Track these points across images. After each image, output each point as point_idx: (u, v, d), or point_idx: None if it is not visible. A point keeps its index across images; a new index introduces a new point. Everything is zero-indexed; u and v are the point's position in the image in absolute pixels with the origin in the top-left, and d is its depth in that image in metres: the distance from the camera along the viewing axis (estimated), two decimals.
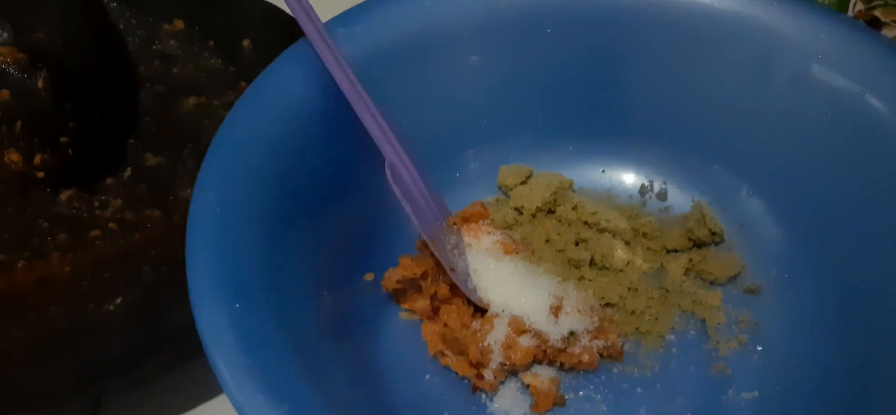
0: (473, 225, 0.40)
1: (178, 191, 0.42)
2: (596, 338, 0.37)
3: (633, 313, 0.38)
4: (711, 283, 0.40)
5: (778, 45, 0.38)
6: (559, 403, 0.36)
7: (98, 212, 0.41)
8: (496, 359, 0.36)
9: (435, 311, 0.38)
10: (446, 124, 0.42)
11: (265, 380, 0.27)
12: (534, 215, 0.42)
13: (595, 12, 0.41)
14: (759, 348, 0.37)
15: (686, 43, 0.40)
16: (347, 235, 0.38)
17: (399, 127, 0.38)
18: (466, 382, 0.37)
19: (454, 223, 0.40)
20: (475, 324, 0.37)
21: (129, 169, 0.43)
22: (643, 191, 0.43)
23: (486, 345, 0.36)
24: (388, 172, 0.36)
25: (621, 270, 0.40)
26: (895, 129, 0.36)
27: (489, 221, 0.41)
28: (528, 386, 0.36)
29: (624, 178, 0.44)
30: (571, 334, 0.36)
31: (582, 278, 0.39)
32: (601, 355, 0.37)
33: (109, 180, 0.43)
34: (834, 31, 0.38)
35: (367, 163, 0.38)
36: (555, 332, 0.36)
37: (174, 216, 0.40)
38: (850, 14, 0.51)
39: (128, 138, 0.45)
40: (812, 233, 0.38)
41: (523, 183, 0.43)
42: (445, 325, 0.37)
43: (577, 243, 0.41)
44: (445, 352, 0.37)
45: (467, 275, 0.38)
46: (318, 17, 0.38)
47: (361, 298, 0.38)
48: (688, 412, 0.36)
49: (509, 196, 0.43)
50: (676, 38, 0.40)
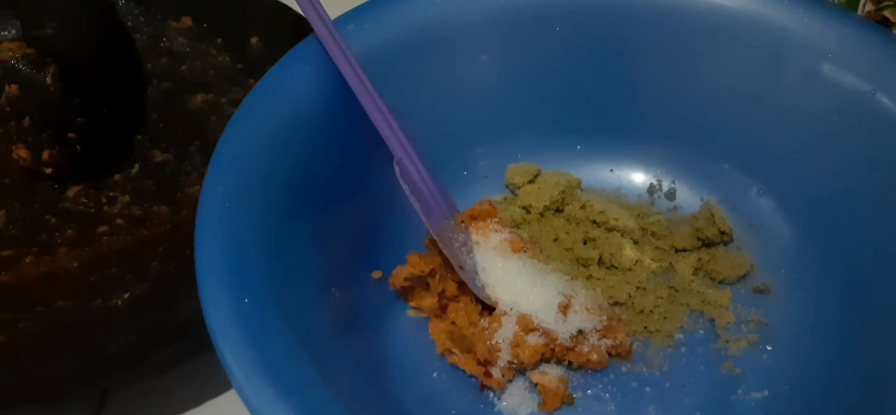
0: (481, 223, 0.40)
1: (186, 187, 0.42)
2: (604, 337, 0.37)
3: (642, 311, 0.38)
4: (720, 282, 0.40)
5: (788, 44, 0.38)
6: (567, 401, 0.36)
7: (106, 208, 0.41)
8: (504, 357, 0.36)
9: (443, 309, 0.38)
10: (454, 122, 0.42)
11: (274, 374, 0.27)
12: (541, 214, 0.42)
13: (604, 10, 0.41)
14: (768, 348, 0.37)
15: (696, 41, 0.40)
16: (355, 233, 0.38)
17: (407, 124, 0.38)
18: (474, 380, 0.37)
19: (462, 221, 0.40)
20: (483, 322, 0.37)
21: (136, 165, 0.43)
22: (652, 190, 0.43)
23: (493, 343, 0.36)
24: (396, 168, 0.36)
25: (630, 270, 0.40)
26: None
27: (497, 219, 0.41)
28: (536, 385, 0.36)
29: (632, 177, 0.44)
30: (580, 332, 0.36)
31: (590, 277, 0.39)
32: (610, 354, 0.37)
33: (117, 176, 0.43)
34: (845, 29, 0.38)
35: (376, 160, 0.38)
36: (563, 330, 0.36)
37: (182, 212, 0.40)
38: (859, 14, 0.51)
39: (135, 135, 0.45)
40: (822, 232, 0.38)
41: (531, 182, 0.43)
42: (453, 323, 0.37)
43: (585, 242, 0.41)
44: (453, 350, 0.37)
45: (475, 272, 0.38)
46: (327, 14, 0.38)
47: (369, 295, 0.38)
48: (697, 411, 0.35)
49: (517, 195, 0.43)
50: (686, 36, 0.40)
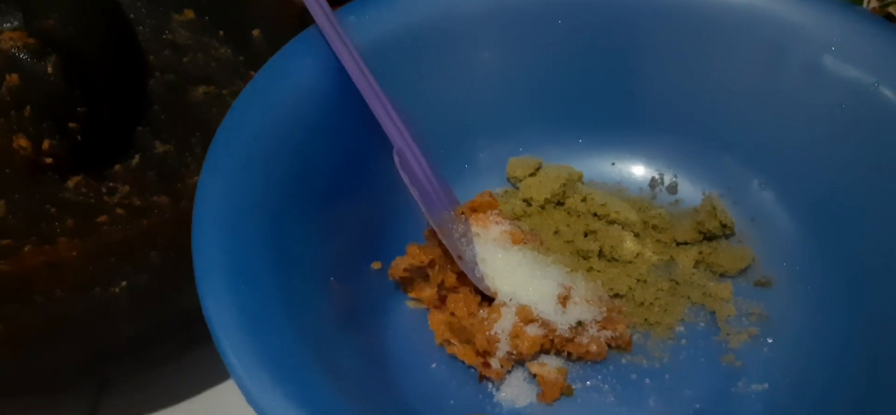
0: (482, 215, 0.40)
1: (186, 178, 0.42)
2: (604, 328, 0.37)
3: (642, 304, 0.38)
4: (722, 275, 0.40)
5: (791, 36, 0.38)
6: (566, 392, 0.36)
7: (106, 198, 0.41)
8: (503, 348, 0.36)
9: (442, 299, 0.38)
10: (456, 114, 0.42)
11: (270, 361, 0.27)
12: (542, 207, 0.42)
13: (606, 3, 0.41)
14: (769, 341, 0.37)
15: (698, 34, 0.40)
16: (355, 223, 0.38)
17: (408, 116, 0.38)
18: (473, 371, 0.37)
19: (462, 213, 0.40)
20: (482, 313, 0.37)
21: (137, 156, 0.43)
22: (653, 183, 0.43)
23: (493, 334, 0.36)
24: (396, 159, 0.36)
25: (630, 262, 0.39)
26: None
27: (497, 211, 0.41)
28: (535, 376, 0.36)
29: (634, 170, 0.44)
30: (579, 323, 0.36)
31: (591, 269, 0.39)
32: (609, 346, 0.37)
33: (117, 167, 0.43)
34: (848, 22, 0.38)
35: (376, 151, 0.38)
36: (562, 321, 0.36)
37: (182, 202, 0.40)
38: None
39: (136, 126, 0.45)
40: (824, 225, 0.38)
41: (532, 175, 0.43)
42: (452, 314, 0.37)
43: (585, 235, 0.40)
44: (452, 341, 0.37)
45: (475, 263, 0.38)
46: (328, 5, 0.38)
47: (369, 286, 0.38)
48: (697, 403, 0.35)
49: (518, 188, 0.43)
50: (689, 28, 0.40)
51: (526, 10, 0.40)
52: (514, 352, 0.36)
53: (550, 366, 0.36)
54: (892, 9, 0.50)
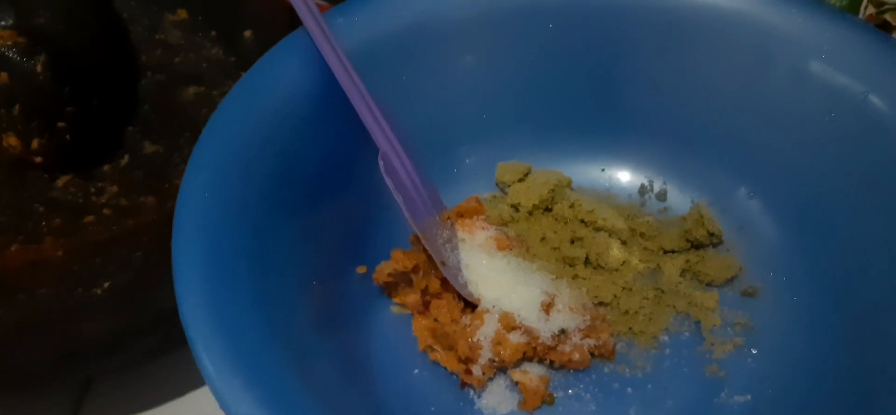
0: (468, 220, 0.40)
1: (174, 178, 0.42)
2: (587, 336, 0.36)
3: (627, 312, 0.38)
4: (708, 284, 0.39)
5: (781, 44, 0.38)
6: (548, 401, 0.36)
7: (94, 198, 0.41)
8: (485, 355, 0.36)
9: (426, 305, 0.37)
10: (445, 118, 0.42)
11: (243, 364, 0.27)
12: (530, 213, 0.41)
13: (597, 9, 0.40)
14: (753, 352, 0.37)
15: (688, 41, 0.40)
16: (339, 227, 0.38)
17: (395, 119, 0.38)
18: (455, 377, 0.36)
19: (448, 217, 0.40)
20: (465, 319, 0.37)
21: (126, 156, 0.43)
22: (643, 190, 0.43)
23: (475, 340, 0.36)
24: (380, 163, 0.36)
25: (616, 270, 0.39)
26: None
27: (484, 216, 0.40)
28: (516, 383, 0.36)
29: (623, 177, 0.43)
30: (562, 331, 0.36)
31: (576, 277, 0.39)
32: (592, 354, 0.37)
33: (106, 167, 0.43)
34: (838, 30, 0.37)
35: (363, 154, 0.38)
36: (545, 329, 0.36)
37: (168, 203, 0.40)
38: (860, 17, 0.51)
39: (127, 126, 0.45)
40: (812, 236, 0.38)
41: (521, 180, 0.43)
42: (436, 319, 0.37)
43: (572, 242, 0.40)
44: (435, 347, 0.37)
45: (459, 269, 0.37)
46: (315, 7, 0.38)
47: (353, 290, 0.38)
48: (678, 414, 0.35)
49: (506, 193, 0.43)
50: (679, 36, 0.40)
51: (514, 15, 0.40)
52: (497, 359, 0.36)
53: (533, 374, 0.36)
54: (888, 16, 0.50)
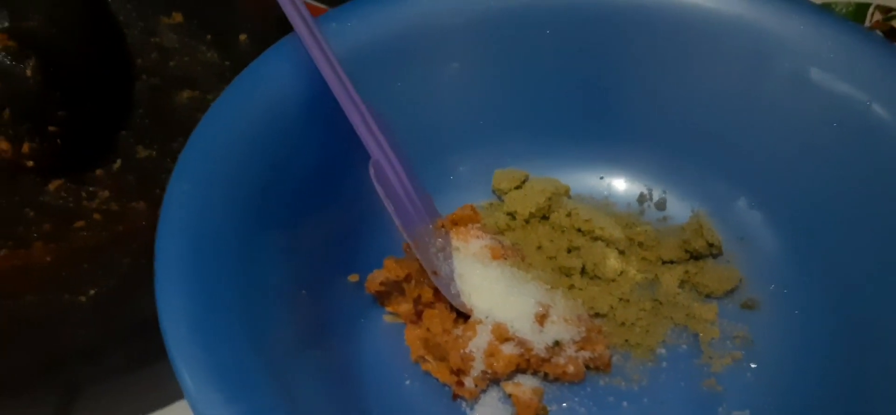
0: (462, 228, 0.39)
1: (166, 184, 0.41)
2: (582, 348, 0.36)
3: (624, 324, 0.37)
4: (707, 296, 0.38)
5: (783, 53, 0.37)
6: (541, 414, 0.35)
7: (85, 203, 0.41)
8: (478, 366, 0.35)
9: (418, 315, 0.37)
10: (440, 125, 0.41)
11: (223, 378, 0.26)
12: (527, 221, 0.41)
13: (595, 15, 0.40)
14: (752, 366, 0.36)
15: (687, 47, 0.39)
16: (330, 235, 0.37)
17: (388, 126, 0.37)
18: (447, 389, 0.36)
19: (442, 226, 0.39)
20: (458, 330, 0.36)
21: (119, 161, 0.43)
22: (642, 199, 0.42)
23: (467, 351, 0.35)
24: (371, 170, 0.35)
25: (613, 280, 0.38)
26: None
27: (479, 225, 0.40)
28: (509, 396, 0.35)
29: (622, 185, 0.42)
30: (557, 343, 0.35)
31: (572, 287, 0.38)
32: (588, 367, 0.36)
33: (99, 171, 0.42)
34: (840, 37, 0.36)
35: (355, 161, 0.37)
36: (539, 341, 0.35)
37: (159, 209, 0.40)
38: (867, 25, 0.50)
39: (120, 130, 0.44)
40: (813, 247, 0.37)
41: (518, 188, 0.42)
42: (428, 330, 0.36)
43: (569, 251, 0.39)
44: (427, 357, 0.36)
45: (451, 279, 0.37)
46: (307, 12, 0.37)
47: (345, 299, 0.37)
48: None
49: (503, 200, 0.42)
50: (677, 41, 0.39)
51: (510, 20, 0.39)
52: (489, 371, 0.35)
53: (526, 386, 0.35)
54: (895, 23, 0.49)
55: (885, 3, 0.49)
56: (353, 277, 0.38)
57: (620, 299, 0.38)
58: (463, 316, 0.37)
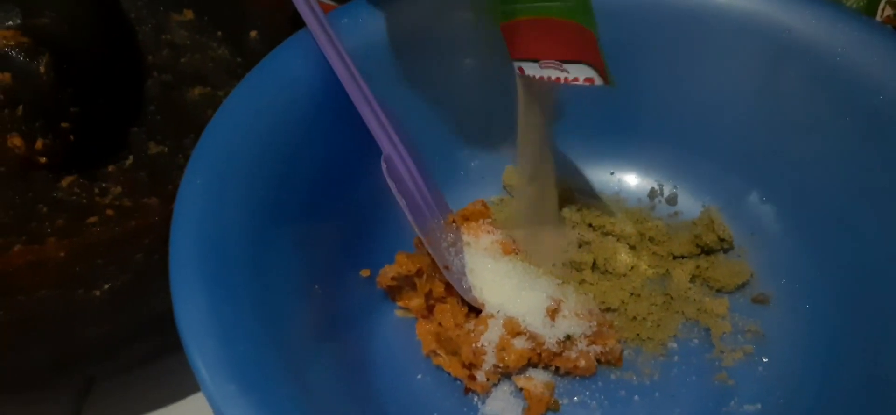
0: (473, 224, 0.39)
1: (178, 180, 0.41)
2: (594, 343, 0.36)
3: (635, 318, 0.37)
4: (718, 291, 0.38)
5: (795, 47, 0.37)
6: (553, 408, 0.35)
7: (98, 199, 0.41)
8: (489, 361, 0.35)
9: (430, 309, 0.37)
10: (451, 121, 0.41)
11: (238, 370, 0.26)
12: None
13: (607, 11, 0.39)
14: (764, 360, 0.36)
15: (698, 41, 0.39)
16: (342, 230, 0.37)
17: (399, 121, 0.37)
18: (459, 383, 0.36)
19: (453, 221, 0.39)
20: (469, 324, 0.36)
21: (130, 157, 0.43)
22: (653, 194, 0.42)
23: (479, 346, 0.35)
24: (383, 166, 0.35)
25: (624, 275, 0.38)
26: None
27: (490, 220, 0.40)
28: (521, 390, 0.35)
29: (633, 181, 0.43)
30: (568, 337, 0.35)
31: (583, 282, 0.38)
32: (599, 361, 0.36)
33: (111, 168, 0.43)
34: (854, 32, 0.36)
35: (365, 156, 0.37)
36: (550, 335, 0.35)
37: (171, 204, 0.40)
38: (877, 19, 0.50)
39: (131, 126, 0.44)
40: (825, 242, 0.37)
41: None
42: (440, 324, 0.36)
43: (580, 246, 0.40)
44: (439, 352, 0.36)
45: (462, 274, 0.37)
46: (319, 7, 0.37)
47: (356, 294, 0.37)
48: None
49: (514, 196, 0.42)
50: (688, 35, 0.39)
51: None
52: (501, 365, 0.35)
53: (537, 380, 0.35)
54: None
55: None
56: (365, 272, 0.38)
57: (632, 294, 0.38)
58: (474, 310, 0.37)
